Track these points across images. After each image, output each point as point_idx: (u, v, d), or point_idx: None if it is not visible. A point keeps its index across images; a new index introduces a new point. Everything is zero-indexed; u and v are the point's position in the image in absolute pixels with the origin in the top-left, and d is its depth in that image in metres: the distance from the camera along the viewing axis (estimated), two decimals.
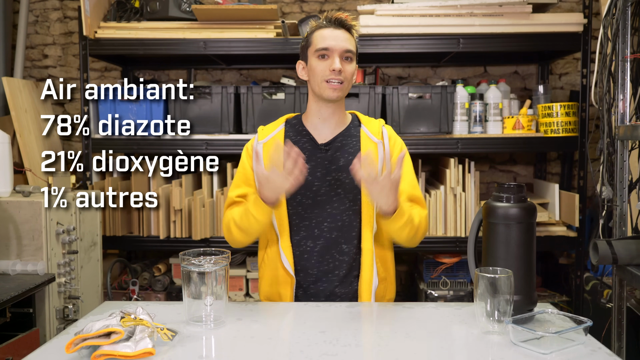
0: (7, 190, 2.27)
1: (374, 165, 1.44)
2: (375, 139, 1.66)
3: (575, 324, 1.28)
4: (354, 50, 1.64)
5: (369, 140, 1.67)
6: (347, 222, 1.63)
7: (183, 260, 1.34)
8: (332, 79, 1.60)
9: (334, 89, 1.61)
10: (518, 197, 1.38)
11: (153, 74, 3.57)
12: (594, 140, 3.23)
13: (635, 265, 1.86)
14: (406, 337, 1.28)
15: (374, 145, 1.65)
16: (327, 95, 1.62)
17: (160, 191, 2.90)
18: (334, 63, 1.59)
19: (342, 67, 1.60)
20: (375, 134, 1.68)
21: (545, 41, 2.82)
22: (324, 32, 1.63)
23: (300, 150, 1.63)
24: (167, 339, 1.20)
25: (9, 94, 2.81)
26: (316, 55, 1.62)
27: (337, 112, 1.68)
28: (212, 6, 2.79)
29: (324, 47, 1.61)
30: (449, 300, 2.96)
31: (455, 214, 2.88)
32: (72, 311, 2.27)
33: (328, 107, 1.66)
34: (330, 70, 1.60)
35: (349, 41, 1.63)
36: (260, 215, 1.55)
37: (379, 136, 1.67)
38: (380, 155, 1.64)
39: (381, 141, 1.66)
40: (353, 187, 1.62)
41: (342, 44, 1.61)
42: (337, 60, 1.60)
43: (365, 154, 1.46)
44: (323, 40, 1.62)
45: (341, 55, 1.61)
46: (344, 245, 1.63)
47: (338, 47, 1.61)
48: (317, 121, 1.68)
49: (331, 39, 1.61)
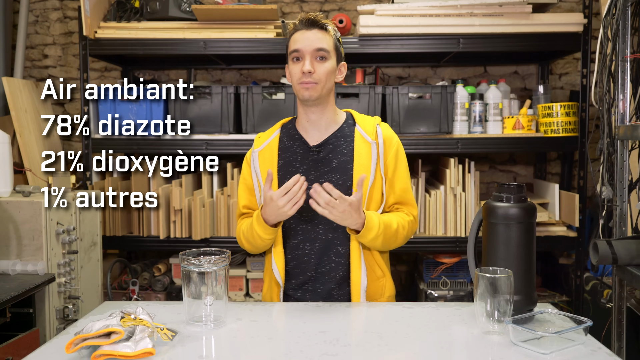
0: (7, 190, 2.27)
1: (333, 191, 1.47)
2: (370, 139, 1.65)
3: (575, 324, 1.28)
4: (327, 47, 1.62)
5: (363, 141, 1.65)
6: None
7: (183, 260, 1.34)
8: (303, 81, 1.60)
9: (306, 89, 1.60)
10: (518, 197, 1.38)
11: (153, 74, 3.57)
12: (594, 140, 3.23)
13: (635, 265, 1.86)
14: (406, 337, 1.28)
15: (368, 145, 1.64)
16: (302, 96, 1.62)
17: (160, 191, 2.90)
18: (304, 64, 1.60)
19: (314, 67, 1.60)
20: (370, 134, 1.66)
21: (545, 41, 2.82)
22: (296, 35, 1.63)
23: (294, 154, 1.64)
24: (167, 339, 1.20)
25: (9, 94, 2.81)
26: (291, 58, 1.64)
27: (326, 113, 1.67)
28: (212, 6, 2.79)
29: (294, 49, 1.62)
30: (449, 300, 2.96)
31: (455, 214, 2.88)
32: (72, 311, 2.27)
33: (313, 109, 1.65)
34: (302, 72, 1.60)
35: (322, 40, 1.62)
36: (263, 233, 1.58)
37: (373, 136, 1.66)
38: (374, 156, 1.64)
39: (375, 142, 1.65)
40: (346, 188, 1.62)
41: (312, 43, 1.60)
42: (308, 61, 1.59)
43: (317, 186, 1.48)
44: (295, 42, 1.62)
45: (313, 55, 1.60)
46: (340, 247, 1.64)
47: (308, 48, 1.60)
48: (306, 124, 1.68)
49: (302, 41, 1.61)
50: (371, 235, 1.55)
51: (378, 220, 1.57)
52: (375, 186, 1.64)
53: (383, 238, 1.58)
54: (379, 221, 1.57)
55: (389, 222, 1.59)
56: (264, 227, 1.57)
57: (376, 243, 1.58)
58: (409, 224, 1.65)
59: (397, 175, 1.67)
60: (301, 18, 1.65)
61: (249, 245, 1.67)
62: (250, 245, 1.66)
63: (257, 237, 1.60)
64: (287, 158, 1.67)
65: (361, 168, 1.62)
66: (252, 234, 1.61)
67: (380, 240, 1.58)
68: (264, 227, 1.57)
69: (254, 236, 1.61)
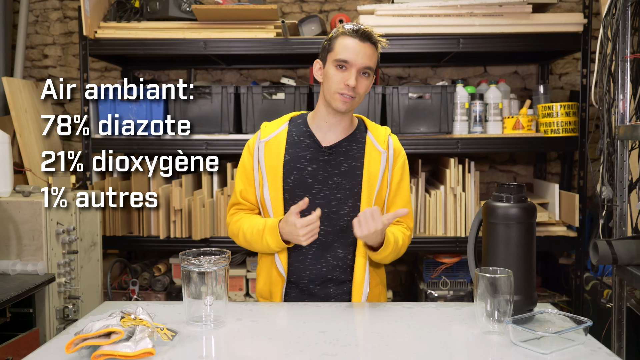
0: (7, 190, 2.27)
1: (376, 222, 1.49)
2: (381, 148, 1.65)
3: (575, 324, 1.28)
4: (373, 67, 1.60)
5: (374, 149, 1.66)
6: (344, 227, 1.63)
7: (183, 260, 1.34)
8: (345, 93, 1.58)
9: (344, 102, 1.59)
10: (518, 197, 1.38)
11: (153, 74, 3.57)
12: (594, 140, 3.23)
13: (635, 265, 1.86)
14: (406, 337, 1.28)
15: (378, 154, 1.65)
16: (336, 106, 1.60)
17: (160, 191, 2.90)
18: (350, 78, 1.56)
19: (358, 82, 1.58)
20: (381, 143, 1.66)
21: (545, 41, 2.82)
22: (348, 41, 1.57)
23: (303, 152, 1.64)
24: (167, 339, 1.20)
25: (9, 94, 2.81)
26: (335, 63, 1.59)
27: (345, 120, 1.67)
28: (212, 6, 2.78)
29: (343, 60, 1.57)
30: (449, 300, 2.96)
31: (455, 214, 2.88)
32: (72, 311, 2.27)
33: (337, 115, 1.64)
34: (345, 85, 1.57)
35: (371, 58, 1.59)
36: (275, 246, 1.59)
37: (385, 146, 1.66)
38: (383, 164, 1.65)
39: (386, 151, 1.66)
40: (353, 194, 1.62)
41: (363, 60, 1.57)
42: (354, 76, 1.56)
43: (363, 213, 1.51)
44: (345, 50, 1.57)
45: (359, 70, 1.58)
46: (340, 251, 1.64)
47: (358, 63, 1.57)
48: (323, 125, 1.66)
49: (353, 52, 1.56)
50: (386, 253, 1.58)
51: (393, 238, 1.60)
52: (380, 194, 1.65)
53: (395, 254, 1.62)
54: (394, 239, 1.60)
55: (397, 238, 1.62)
56: (278, 242, 1.57)
57: (387, 259, 1.63)
58: (408, 238, 1.69)
59: (402, 187, 1.69)
60: (355, 27, 1.59)
61: (245, 244, 1.66)
62: (248, 245, 1.66)
63: (265, 245, 1.60)
64: (295, 154, 1.65)
65: (370, 175, 1.63)
66: (261, 241, 1.60)
67: (391, 257, 1.62)
68: (277, 241, 1.57)
69: (262, 243, 1.60)
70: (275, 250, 1.61)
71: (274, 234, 1.57)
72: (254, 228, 1.62)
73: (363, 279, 1.62)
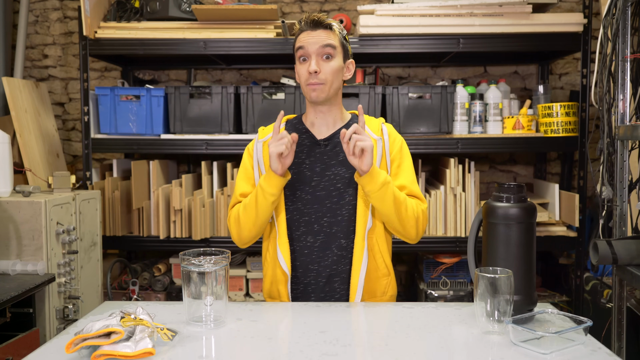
0: (7, 190, 2.27)
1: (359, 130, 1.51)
2: (375, 136, 1.67)
3: (575, 324, 1.28)
4: (334, 43, 1.62)
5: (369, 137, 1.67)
6: (346, 216, 1.64)
7: (183, 260, 1.34)
8: (310, 82, 1.61)
9: (313, 90, 1.61)
10: (518, 197, 1.38)
11: (153, 74, 3.57)
12: (594, 140, 3.23)
13: (635, 265, 1.86)
14: (406, 337, 1.28)
15: (374, 141, 1.66)
16: (309, 97, 1.64)
17: (160, 191, 2.90)
18: (310, 64, 1.60)
19: (320, 67, 1.60)
20: (375, 131, 1.69)
21: (545, 41, 2.82)
22: (302, 35, 1.64)
23: (300, 147, 1.65)
24: (167, 339, 1.20)
25: (9, 94, 2.81)
26: (297, 58, 1.65)
27: (333, 110, 1.69)
28: (212, 6, 2.78)
29: (300, 47, 1.62)
30: (449, 300, 2.96)
31: (455, 214, 2.88)
32: (72, 311, 2.27)
33: (320, 107, 1.68)
34: (308, 73, 1.61)
35: (328, 38, 1.62)
36: (268, 186, 1.55)
37: (379, 133, 1.69)
38: (379, 151, 1.66)
39: (381, 138, 1.67)
40: (352, 182, 1.64)
41: (318, 42, 1.61)
42: (314, 61, 1.60)
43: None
44: (299, 42, 1.63)
45: (318, 54, 1.61)
46: (343, 240, 1.64)
47: (313, 47, 1.61)
48: (314, 120, 1.70)
49: (307, 40, 1.62)
50: (381, 178, 1.52)
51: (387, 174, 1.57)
52: None
53: (393, 197, 1.55)
54: (387, 175, 1.56)
55: (397, 190, 1.59)
56: (269, 178, 1.55)
57: (386, 196, 1.54)
58: (421, 211, 1.63)
59: (403, 169, 1.68)
60: (305, 19, 1.64)
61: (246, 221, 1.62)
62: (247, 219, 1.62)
63: (260, 196, 1.57)
64: None
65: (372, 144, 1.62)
66: (256, 197, 1.58)
67: (391, 197, 1.54)
68: (269, 179, 1.55)
69: (257, 198, 1.58)
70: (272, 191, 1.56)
71: (266, 176, 1.56)
72: (251, 196, 1.62)
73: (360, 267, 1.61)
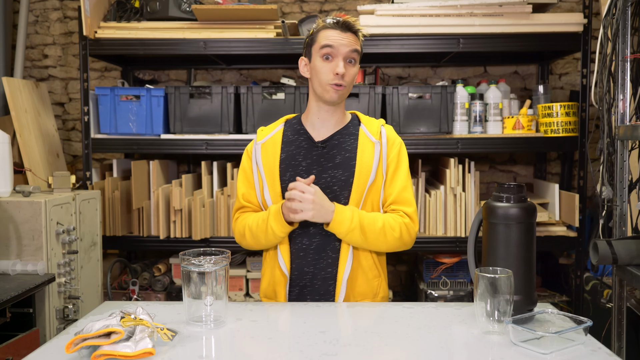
0: (7, 190, 2.27)
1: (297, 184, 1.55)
2: (374, 139, 1.67)
3: (575, 324, 1.28)
4: (358, 54, 1.64)
5: (367, 140, 1.68)
6: None
7: (183, 260, 1.34)
8: (336, 82, 1.61)
9: (336, 91, 1.62)
10: (518, 197, 1.38)
11: (153, 74, 3.57)
12: (594, 140, 3.23)
13: (635, 265, 1.86)
14: (406, 337, 1.28)
15: (372, 145, 1.67)
16: (330, 97, 1.63)
17: (160, 191, 2.90)
18: (337, 66, 1.59)
19: (346, 70, 1.61)
20: (374, 134, 1.69)
21: (545, 41, 2.82)
22: (330, 32, 1.62)
23: (297, 149, 1.65)
24: (167, 339, 1.20)
25: (9, 94, 2.81)
26: (320, 54, 1.62)
27: (337, 112, 1.70)
28: (212, 6, 2.78)
29: (327, 45, 1.60)
30: (449, 300, 2.96)
31: (455, 214, 2.88)
32: (72, 311, 2.27)
33: (327, 108, 1.68)
34: (334, 74, 1.60)
35: (355, 45, 1.63)
36: (280, 231, 1.59)
37: (377, 136, 1.69)
38: (377, 155, 1.65)
39: (379, 141, 1.67)
40: (348, 184, 1.64)
41: (348, 46, 1.61)
42: (342, 63, 1.60)
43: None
44: (327, 39, 1.61)
45: (346, 57, 1.61)
46: (336, 242, 1.65)
47: (343, 50, 1.60)
48: (315, 120, 1.70)
49: (336, 41, 1.61)
50: (344, 228, 1.56)
51: (352, 213, 1.57)
52: (375, 185, 1.65)
53: (361, 233, 1.57)
54: (352, 214, 1.57)
55: (373, 219, 1.59)
56: (281, 223, 1.57)
57: (353, 237, 1.58)
58: (402, 225, 1.63)
59: (398, 174, 1.68)
60: (337, 19, 1.63)
61: (252, 240, 1.66)
62: (254, 240, 1.65)
63: (270, 232, 1.60)
64: (290, 152, 1.68)
65: (363, 165, 1.64)
66: (266, 230, 1.60)
67: (358, 235, 1.58)
68: (280, 223, 1.57)
69: (267, 232, 1.60)
70: (280, 235, 1.60)
71: (277, 217, 1.58)
72: (259, 219, 1.63)
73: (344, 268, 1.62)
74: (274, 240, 1.63)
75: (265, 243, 1.65)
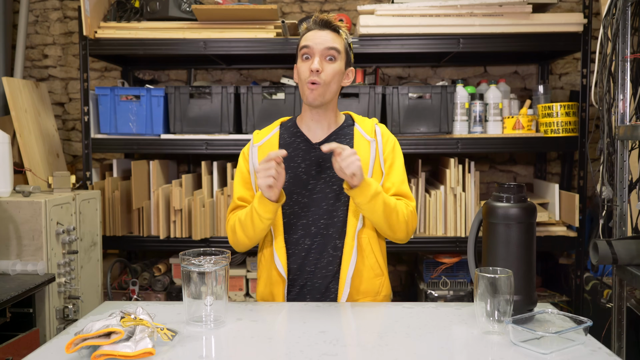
0: (7, 190, 2.27)
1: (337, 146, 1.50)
2: (369, 137, 1.69)
3: (575, 324, 1.28)
4: (339, 47, 1.63)
5: (362, 138, 1.69)
6: (341, 217, 1.65)
7: (183, 260, 1.34)
8: (310, 79, 1.60)
9: (311, 90, 1.61)
10: (518, 197, 1.38)
11: (153, 74, 3.57)
12: (594, 140, 3.23)
13: (635, 265, 1.86)
14: (406, 337, 1.28)
15: (367, 143, 1.68)
16: (306, 98, 1.63)
17: (160, 191, 2.90)
18: (313, 63, 1.60)
19: (322, 67, 1.60)
20: (369, 133, 1.70)
21: (545, 41, 2.82)
22: (308, 34, 1.65)
23: (295, 150, 1.66)
24: (167, 339, 1.20)
25: (9, 94, 2.81)
26: (300, 54, 1.64)
27: (329, 114, 1.70)
28: (212, 6, 2.78)
29: (304, 45, 1.62)
30: (449, 300, 2.96)
31: (455, 214, 2.88)
32: (72, 311, 2.27)
33: (317, 110, 1.68)
34: (310, 71, 1.60)
35: (334, 41, 1.63)
36: (264, 212, 1.56)
37: (372, 134, 1.70)
38: (373, 152, 1.67)
39: (374, 139, 1.68)
40: None
41: (324, 43, 1.61)
42: (317, 60, 1.60)
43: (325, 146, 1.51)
44: (305, 40, 1.64)
45: (322, 54, 1.61)
46: (338, 241, 1.65)
47: (319, 47, 1.61)
48: (310, 122, 1.71)
49: (313, 39, 1.62)
50: (371, 191, 1.52)
51: (377, 184, 1.57)
52: None
53: (384, 207, 1.55)
54: (376, 183, 1.57)
55: (388, 197, 1.59)
56: (264, 204, 1.55)
57: (375, 205, 1.54)
58: (410, 212, 1.65)
59: (394, 168, 1.69)
60: (315, 18, 1.65)
61: (242, 235, 1.64)
62: (244, 234, 1.63)
63: (256, 217, 1.57)
64: (288, 154, 1.67)
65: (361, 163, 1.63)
66: (252, 217, 1.59)
67: (381, 207, 1.55)
68: (264, 205, 1.55)
69: (252, 218, 1.58)
70: (265, 217, 1.56)
71: (261, 200, 1.55)
72: (247, 210, 1.62)
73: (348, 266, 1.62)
74: (260, 225, 1.59)
75: (253, 234, 1.62)
